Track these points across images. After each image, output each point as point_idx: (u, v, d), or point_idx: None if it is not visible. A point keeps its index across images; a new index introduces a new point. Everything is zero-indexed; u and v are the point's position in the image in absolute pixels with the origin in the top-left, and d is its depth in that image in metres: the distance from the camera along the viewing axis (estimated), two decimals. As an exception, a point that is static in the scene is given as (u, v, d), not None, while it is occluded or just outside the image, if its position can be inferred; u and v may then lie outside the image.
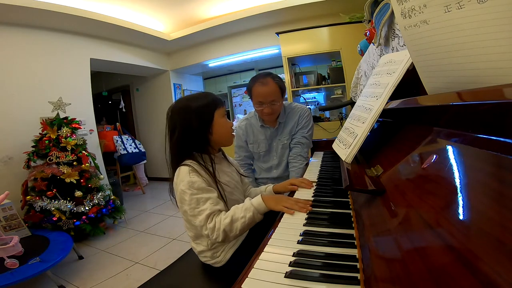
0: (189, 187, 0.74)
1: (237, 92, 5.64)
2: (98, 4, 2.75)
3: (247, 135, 1.46)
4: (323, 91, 3.82)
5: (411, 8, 0.46)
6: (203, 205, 0.74)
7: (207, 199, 0.75)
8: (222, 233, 0.71)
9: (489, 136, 0.36)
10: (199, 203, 0.74)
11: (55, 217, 2.11)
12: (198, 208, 0.74)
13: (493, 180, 0.31)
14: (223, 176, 0.88)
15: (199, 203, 0.74)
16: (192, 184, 0.75)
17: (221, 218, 0.73)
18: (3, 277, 1.38)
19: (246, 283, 0.46)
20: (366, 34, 1.32)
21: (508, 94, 0.27)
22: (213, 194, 0.77)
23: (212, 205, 0.74)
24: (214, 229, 0.72)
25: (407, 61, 0.73)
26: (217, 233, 0.72)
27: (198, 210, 0.74)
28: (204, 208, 0.73)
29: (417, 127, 0.66)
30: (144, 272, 1.76)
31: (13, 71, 2.48)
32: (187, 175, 0.76)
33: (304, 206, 0.73)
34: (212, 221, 0.73)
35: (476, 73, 0.39)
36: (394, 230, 0.43)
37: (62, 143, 2.34)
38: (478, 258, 0.25)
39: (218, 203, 0.76)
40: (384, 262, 0.39)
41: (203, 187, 0.76)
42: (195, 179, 0.76)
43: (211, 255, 0.84)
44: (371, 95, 0.87)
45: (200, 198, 0.74)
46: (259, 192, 1.04)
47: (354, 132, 0.86)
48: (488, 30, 0.34)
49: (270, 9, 3.10)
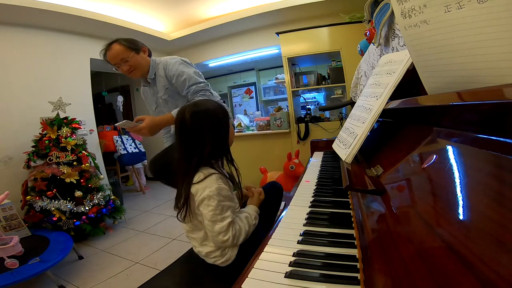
0: (217, 194, 0.78)
1: (237, 92, 5.64)
2: (98, 4, 2.75)
3: (146, 100, 1.62)
4: (323, 91, 3.82)
5: (411, 8, 0.46)
6: (226, 213, 0.78)
7: (229, 207, 0.80)
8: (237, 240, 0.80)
9: (489, 136, 0.36)
10: (223, 210, 0.78)
11: (55, 217, 2.10)
12: (222, 215, 0.78)
13: (493, 180, 0.31)
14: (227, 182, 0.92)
15: (223, 210, 0.78)
16: (220, 191, 0.78)
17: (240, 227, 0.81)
18: (3, 277, 1.38)
19: (246, 283, 0.46)
20: (366, 34, 1.32)
21: (508, 94, 0.27)
22: (234, 203, 0.84)
23: (232, 214, 0.81)
24: (235, 237, 0.78)
25: (407, 61, 0.73)
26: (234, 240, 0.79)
27: (221, 216, 0.78)
28: (227, 216, 0.78)
29: (417, 127, 0.66)
30: (144, 272, 1.76)
31: (13, 71, 2.48)
32: (216, 182, 0.79)
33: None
34: (232, 230, 0.78)
35: (476, 73, 0.39)
36: (394, 230, 0.43)
37: (62, 143, 2.34)
38: (478, 258, 0.25)
39: (235, 211, 0.84)
40: (384, 262, 0.39)
41: (228, 195, 0.81)
42: (223, 186, 0.80)
43: (220, 253, 0.83)
44: (371, 95, 0.87)
45: (225, 206, 0.79)
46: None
47: (354, 132, 0.86)
48: (488, 30, 0.34)
49: (270, 9, 3.10)
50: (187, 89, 1.39)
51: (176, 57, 1.46)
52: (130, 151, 3.69)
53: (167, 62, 1.43)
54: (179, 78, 1.39)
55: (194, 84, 1.39)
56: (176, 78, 1.40)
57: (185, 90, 1.40)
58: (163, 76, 1.44)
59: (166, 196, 3.70)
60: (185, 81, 1.39)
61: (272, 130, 3.24)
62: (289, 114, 3.19)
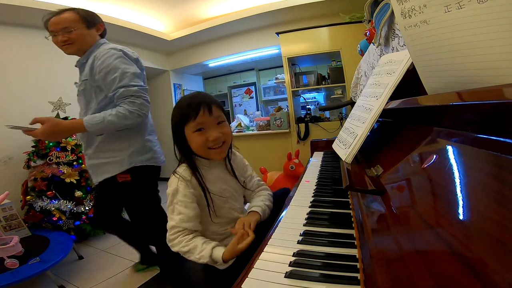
0: (172, 194, 0.78)
1: (237, 92, 5.65)
2: (98, 4, 2.75)
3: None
4: (323, 91, 3.83)
5: (411, 8, 0.46)
6: (174, 215, 0.76)
7: (180, 213, 0.76)
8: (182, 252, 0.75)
9: (489, 136, 0.36)
10: (174, 211, 0.77)
11: (55, 217, 2.11)
12: (171, 215, 0.77)
13: (493, 180, 0.31)
14: (218, 184, 0.85)
15: (173, 212, 0.77)
16: (176, 193, 0.77)
17: (183, 241, 0.74)
18: (3, 277, 1.38)
19: (246, 283, 0.46)
20: (366, 34, 1.32)
21: (508, 94, 0.27)
22: (188, 211, 0.76)
23: (181, 221, 0.75)
24: (173, 245, 0.75)
25: (407, 61, 0.73)
26: (176, 248, 0.75)
27: (170, 216, 0.77)
28: (173, 218, 0.76)
29: (417, 127, 0.66)
30: (144, 272, 1.76)
31: (13, 71, 2.48)
32: (175, 183, 0.79)
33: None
34: (174, 235, 0.75)
35: (476, 73, 0.39)
36: (394, 230, 0.43)
37: (62, 143, 2.34)
38: (478, 258, 0.25)
39: (189, 220, 0.75)
40: (384, 262, 0.39)
41: (184, 201, 0.77)
42: (180, 189, 0.77)
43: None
44: (371, 95, 0.87)
45: (176, 208, 0.77)
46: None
47: (354, 132, 0.86)
48: (488, 30, 0.34)
49: (270, 9, 3.11)
50: (114, 91, 1.13)
51: (121, 49, 1.19)
52: (130, 151, 3.68)
53: (104, 52, 1.15)
54: (108, 75, 1.12)
55: (124, 86, 1.12)
56: (103, 74, 1.13)
57: (112, 91, 1.13)
58: (89, 65, 1.18)
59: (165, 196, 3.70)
60: (114, 80, 1.12)
61: (272, 130, 3.24)
62: (289, 114, 3.19)
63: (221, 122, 0.81)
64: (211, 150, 0.80)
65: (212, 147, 0.79)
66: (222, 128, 0.80)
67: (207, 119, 0.77)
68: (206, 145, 0.78)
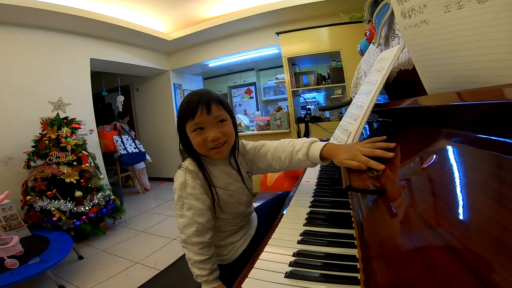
0: (180, 188, 0.74)
1: (237, 92, 5.65)
2: (98, 4, 2.75)
3: None
4: (323, 91, 3.83)
5: (411, 8, 0.46)
6: (184, 211, 0.73)
7: (192, 207, 0.73)
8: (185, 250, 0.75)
9: (489, 136, 0.36)
10: (183, 206, 0.74)
11: (55, 217, 2.11)
12: (180, 211, 0.74)
13: (493, 180, 0.31)
14: (224, 178, 0.83)
15: (183, 207, 0.74)
16: (184, 187, 0.74)
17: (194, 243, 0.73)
18: (3, 277, 1.38)
19: (246, 283, 0.46)
20: (366, 34, 1.32)
21: (508, 94, 0.27)
22: (199, 204, 0.74)
23: (194, 215, 0.73)
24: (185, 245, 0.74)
25: (393, 57, 0.73)
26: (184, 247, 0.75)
27: (180, 213, 0.74)
28: (185, 215, 0.73)
29: (417, 127, 0.66)
30: (144, 272, 1.76)
31: (13, 71, 2.48)
32: (182, 177, 0.75)
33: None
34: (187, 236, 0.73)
35: (476, 73, 0.39)
36: (394, 230, 0.43)
37: (62, 143, 2.34)
38: (478, 258, 0.25)
39: (202, 214, 0.73)
40: (384, 262, 0.39)
41: (194, 193, 0.74)
42: (189, 182, 0.74)
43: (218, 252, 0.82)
44: (363, 93, 0.87)
45: (186, 203, 0.73)
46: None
47: (347, 129, 0.86)
48: (488, 30, 0.34)
49: (270, 9, 3.11)
50: None
51: None
52: (130, 151, 3.69)
53: None
54: None
55: None
56: None
57: None
58: None
59: (166, 196, 3.70)
60: None
61: (272, 130, 3.25)
62: (289, 114, 3.19)
63: (222, 121, 0.78)
64: (212, 150, 0.77)
65: (212, 147, 0.77)
66: (222, 128, 0.77)
67: (205, 119, 0.75)
68: (206, 145, 0.76)
